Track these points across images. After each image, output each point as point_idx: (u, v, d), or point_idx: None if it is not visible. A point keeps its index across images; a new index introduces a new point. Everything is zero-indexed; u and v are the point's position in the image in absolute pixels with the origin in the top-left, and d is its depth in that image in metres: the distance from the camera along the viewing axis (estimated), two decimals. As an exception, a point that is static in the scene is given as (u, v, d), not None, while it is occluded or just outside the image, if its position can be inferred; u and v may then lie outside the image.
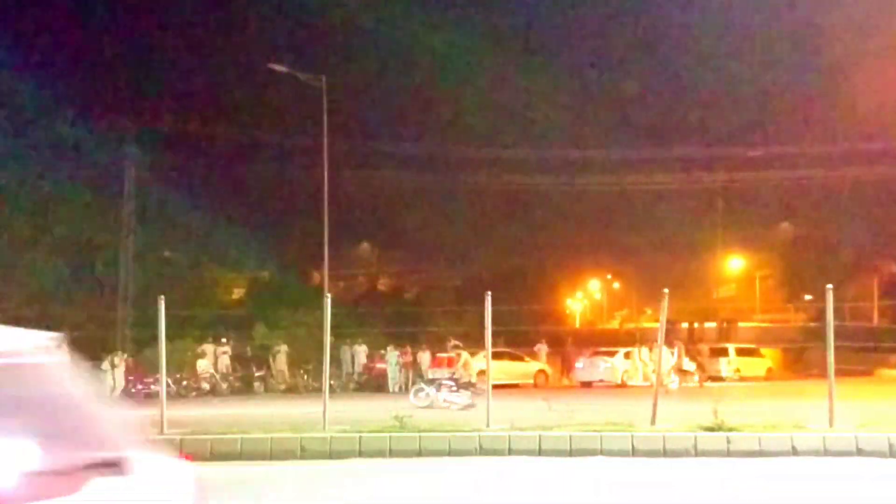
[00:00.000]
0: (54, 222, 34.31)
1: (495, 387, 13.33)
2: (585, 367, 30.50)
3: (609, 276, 66.38)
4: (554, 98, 48.57)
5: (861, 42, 36.65)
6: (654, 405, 12.75)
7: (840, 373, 13.10)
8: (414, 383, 28.56)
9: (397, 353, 28.74)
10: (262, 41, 47.35)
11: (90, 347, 28.79)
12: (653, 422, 12.45)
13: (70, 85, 36.46)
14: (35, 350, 3.09)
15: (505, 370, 27.73)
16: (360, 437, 11.64)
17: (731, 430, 11.55)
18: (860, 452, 11.00)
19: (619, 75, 54.26)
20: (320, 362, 14.56)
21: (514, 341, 29.77)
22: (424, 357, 29.07)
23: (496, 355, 21.26)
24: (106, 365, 27.20)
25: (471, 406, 17.86)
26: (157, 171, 35.57)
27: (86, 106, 35.50)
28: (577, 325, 60.80)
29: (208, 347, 28.83)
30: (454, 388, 19.76)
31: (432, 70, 49.35)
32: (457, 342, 29.44)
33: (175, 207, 36.30)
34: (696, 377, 29.46)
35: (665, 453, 11.16)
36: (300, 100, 32.18)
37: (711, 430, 11.59)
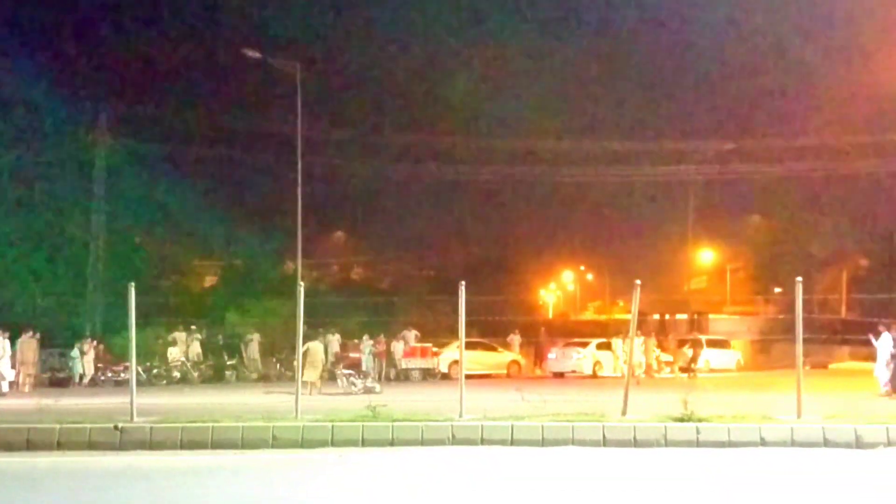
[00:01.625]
0: (23, 208, 33.82)
1: (468, 377, 13.34)
2: (558, 357, 30.66)
3: (582, 268, 66.76)
4: (529, 89, 48.65)
5: (834, 38, 37.04)
6: (626, 396, 12.84)
7: (808, 364, 13.27)
8: (387, 373, 28.70)
9: (371, 342, 28.70)
10: (238, 27, 46.92)
11: (60, 334, 28.58)
12: (624, 412, 12.54)
13: (40, 68, 35.88)
14: None
15: (478, 360, 27.83)
16: (333, 427, 11.61)
17: (700, 420, 11.67)
18: (827, 443, 11.17)
19: (594, 68, 54.44)
20: (293, 351, 14.48)
21: (487, 331, 29.84)
22: (398, 347, 29.07)
23: (469, 345, 21.36)
24: (75, 352, 26.91)
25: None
26: (128, 157, 35.18)
27: (56, 90, 35.00)
28: (551, 315, 61.07)
29: (179, 335, 28.58)
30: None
31: (408, 60, 49.19)
32: (416, 332, 29.55)
33: (146, 194, 35.91)
34: (670, 368, 29.75)
35: (636, 443, 11.25)
36: (274, 87, 31.95)
37: (681, 420, 11.71)
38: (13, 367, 23.41)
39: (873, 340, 19.31)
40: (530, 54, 56.21)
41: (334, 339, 29.44)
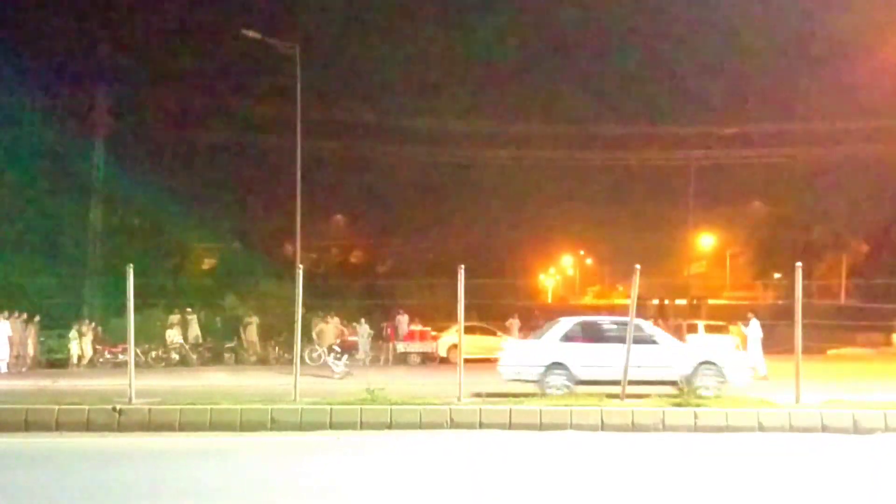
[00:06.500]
0: (21, 190, 33.75)
1: (467, 360, 13.34)
2: (557, 342, 30.57)
3: (582, 252, 66.83)
4: (528, 73, 48.45)
5: (835, 23, 36.85)
6: (624, 380, 12.85)
7: (806, 350, 13.25)
8: (386, 356, 28.72)
9: (368, 325, 28.71)
10: (235, 6, 46.58)
11: (58, 316, 28.58)
12: (622, 397, 12.56)
13: (36, 52, 35.66)
14: None
15: (477, 344, 27.76)
16: (331, 409, 11.61)
17: (698, 405, 11.68)
18: (825, 429, 11.18)
19: (593, 51, 54.20)
20: (291, 334, 14.47)
21: (486, 315, 29.78)
22: (397, 330, 29.06)
23: (468, 329, 21.32)
24: (73, 333, 26.92)
25: (348, 374, 19.88)
26: (126, 140, 35.06)
27: (52, 73, 34.82)
28: (550, 300, 61.13)
29: (178, 317, 28.59)
30: (338, 356, 21.25)
31: (408, 42, 48.97)
32: (406, 314, 29.57)
33: (145, 176, 35.81)
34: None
35: (633, 428, 11.26)
36: (273, 68, 31.73)
37: (679, 405, 11.73)
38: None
39: (742, 328, 19.56)
40: (532, 39, 55.94)
41: (333, 323, 29.44)
